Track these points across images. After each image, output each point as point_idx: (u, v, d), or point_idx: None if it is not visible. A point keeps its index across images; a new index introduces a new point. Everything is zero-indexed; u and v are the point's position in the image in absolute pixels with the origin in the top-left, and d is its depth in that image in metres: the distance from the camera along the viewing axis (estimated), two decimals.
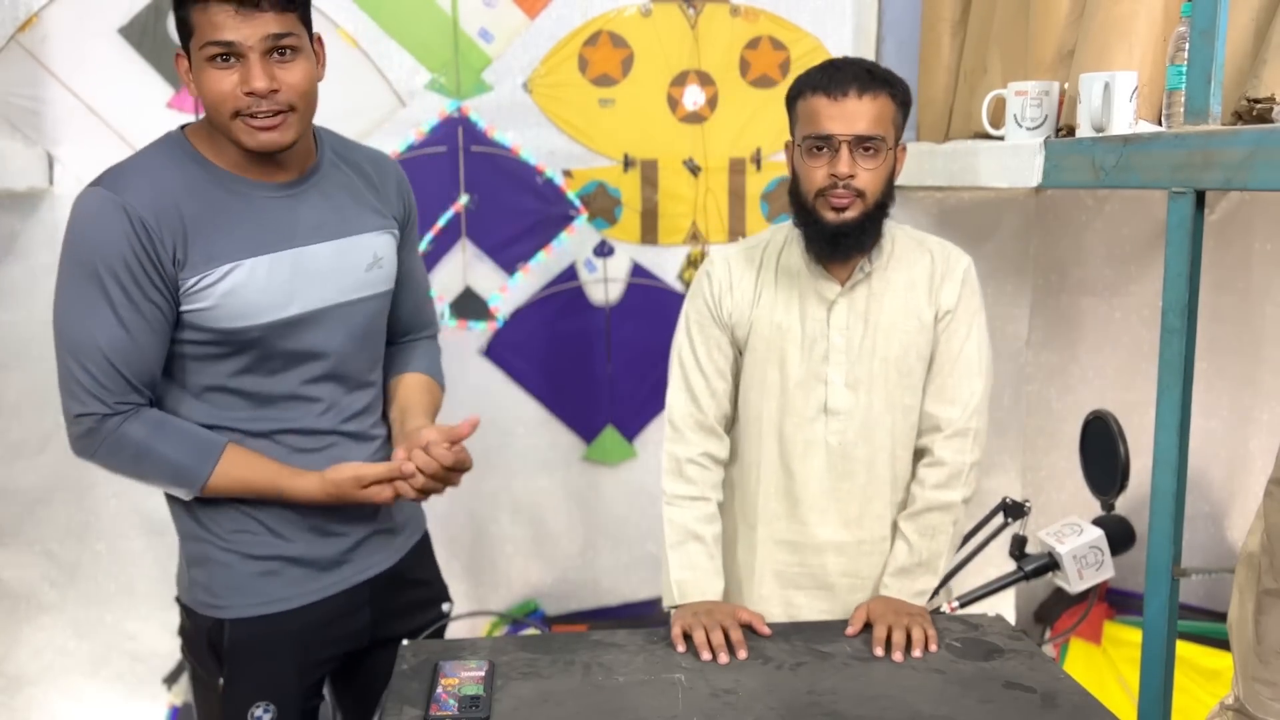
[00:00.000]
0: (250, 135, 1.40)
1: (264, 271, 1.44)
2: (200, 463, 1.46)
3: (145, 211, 1.38)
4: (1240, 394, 2.52)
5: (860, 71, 1.58)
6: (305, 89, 1.42)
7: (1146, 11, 1.97)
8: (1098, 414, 1.71)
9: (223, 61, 1.36)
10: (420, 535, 1.75)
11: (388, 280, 1.61)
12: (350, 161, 1.59)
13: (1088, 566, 1.63)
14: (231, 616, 1.54)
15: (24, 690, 2.54)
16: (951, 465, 1.67)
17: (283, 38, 1.37)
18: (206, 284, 1.42)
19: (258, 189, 1.47)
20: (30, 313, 2.42)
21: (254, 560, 1.54)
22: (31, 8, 2.34)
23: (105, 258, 1.38)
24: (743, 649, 1.52)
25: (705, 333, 1.73)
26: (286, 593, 1.55)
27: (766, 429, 1.72)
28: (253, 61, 1.36)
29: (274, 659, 1.56)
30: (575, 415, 2.75)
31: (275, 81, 1.37)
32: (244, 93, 1.36)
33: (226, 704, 1.55)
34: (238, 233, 1.43)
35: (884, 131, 1.58)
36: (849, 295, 1.68)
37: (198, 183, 1.44)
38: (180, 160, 1.45)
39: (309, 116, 1.46)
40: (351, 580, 1.60)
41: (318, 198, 1.52)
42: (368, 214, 1.57)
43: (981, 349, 1.69)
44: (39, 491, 2.48)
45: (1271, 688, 1.48)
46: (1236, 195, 2.45)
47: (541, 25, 2.59)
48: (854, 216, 1.59)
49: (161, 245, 1.39)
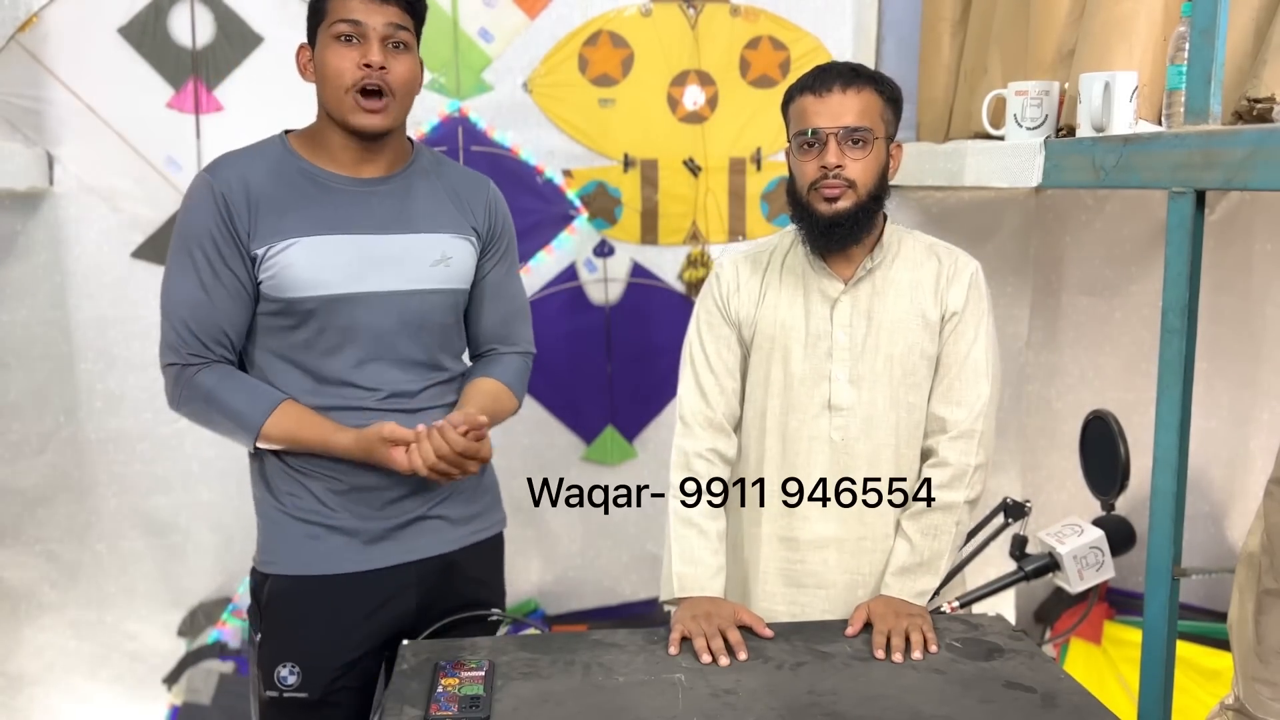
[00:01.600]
0: (358, 113, 1.55)
1: (325, 250, 1.57)
2: (257, 411, 1.57)
3: (228, 190, 1.55)
4: (1240, 394, 2.52)
5: (845, 69, 1.64)
6: (409, 81, 1.58)
7: (1146, 11, 1.97)
8: (1098, 414, 1.71)
9: (346, 41, 1.53)
10: (491, 534, 1.78)
11: (457, 279, 1.68)
12: (442, 175, 1.71)
13: (1088, 567, 1.63)
14: (274, 572, 1.62)
15: (24, 690, 2.54)
16: (956, 466, 1.67)
17: (400, 30, 1.55)
18: (271, 254, 1.56)
19: (339, 181, 1.61)
20: (31, 313, 2.42)
21: (300, 523, 1.62)
22: (31, 8, 2.34)
23: (195, 231, 1.56)
24: (742, 650, 1.52)
25: (715, 332, 1.76)
26: (324, 559, 1.61)
27: (770, 425, 1.73)
28: (373, 41, 1.53)
29: (305, 622, 1.61)
30: (575, 415, 2.75)
31: (388, 64, 1.54)
32: (362, 64, 1.52)
33: (260, 660, 1.63)
34: (306, 213, 1.57)
35: (870, 124, 1.62)
36: (852, 292, 1.70)
37: (286, 171, 1.60)
38: (274, 154, 1.61)
39: (404, 110, 1.60)
40: (394, 559, 1.64)
41: (395, 196, 1.64)
42: (444, 218, 1.67)
43: (989, 353, 1.70)
44: (39, 491, 2.48)
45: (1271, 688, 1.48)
46: (1236, 195, 2.45)
47: (541, 25, 2.59)
48: (847, 207, 1.62)
49: (239, 219, 1.55)
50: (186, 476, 2.56)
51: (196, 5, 2.43)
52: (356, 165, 1.61)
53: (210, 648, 2.61)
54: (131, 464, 2.53)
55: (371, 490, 1.62)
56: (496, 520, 1.80)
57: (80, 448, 2.50)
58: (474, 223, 1.71)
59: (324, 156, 1.61)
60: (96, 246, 2.45)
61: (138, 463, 2.54)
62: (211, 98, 2.46)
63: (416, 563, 1.66)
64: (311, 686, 1.60)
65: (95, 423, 2.50)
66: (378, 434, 1.55)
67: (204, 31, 2.44)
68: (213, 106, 2.46)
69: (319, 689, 1.60)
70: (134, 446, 2.52)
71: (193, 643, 2.62)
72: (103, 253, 2.46)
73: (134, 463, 2.54)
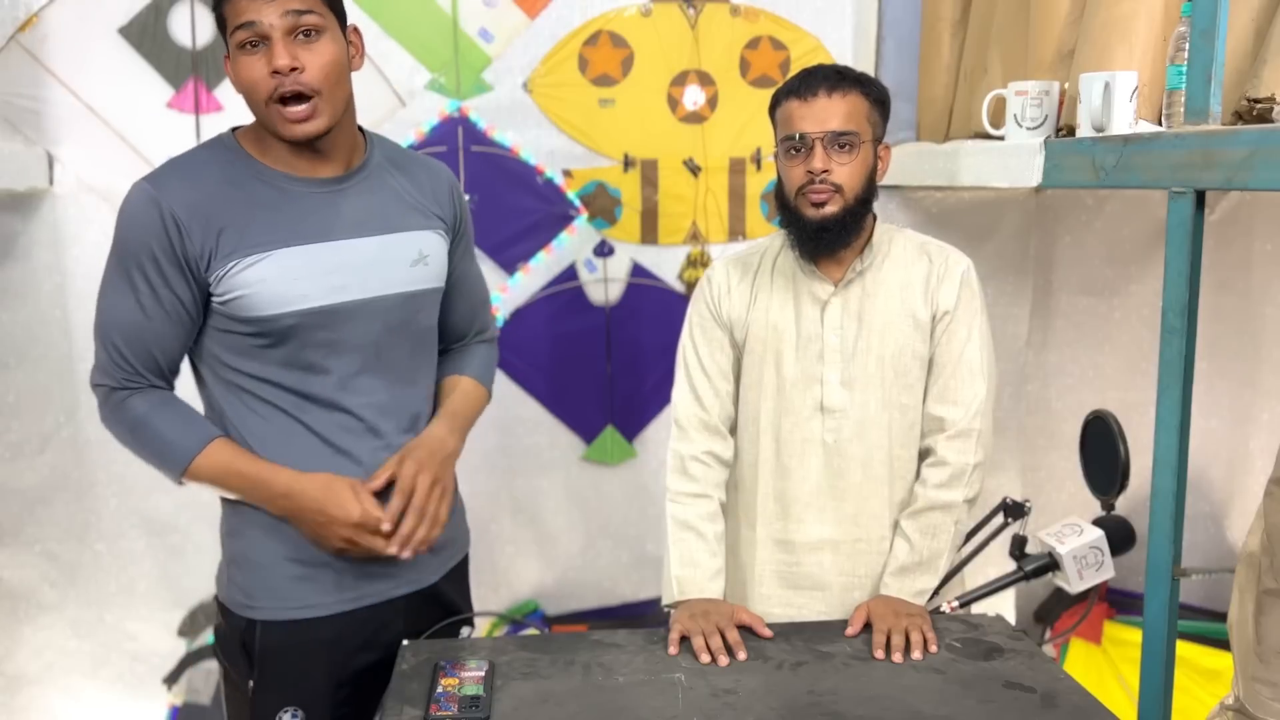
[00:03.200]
0: (284, 125, 1.42)
1: (298, 261, 1.46)
2: (187, 443, 1.49)
3: (178, 206, 1.42)
4: (1240, 394, 2.51)
5: (830, 73, 1.64)
6: (329, 71, 1.42)
7: (1146, 11, 1.97)
8: (1098, 414, 1.71)
9: (251, 48, 1.39)
10: (460, 557, 1.73)
11: (435, 278, 1.61)
12: (401, 166, 1.61)
13: (1088, 567, 1.63)
14: (264, 618, 1.53)
15: (24, 690, 2.54)
16: (954, 466, 1.67)
17: (304, 15, 1.39)
18: (238, 271, 1.44)
19: (299, 184, 1.49)
20: (31, 313, 2.42)
21: (289, 563, 1.53)
22: (31, 8, 2.34)
23: (136, 247, 1.45)
24: (741, 650, 1.52)
25: (708, 334, 1.76)
26: (320, 599, 1.54)
27: (764, 428, 1.73)
28: (275, 41, 1.38)
29: (304, 665, 1.54)
30: (575, 415, 2.75)
31: (297, 60, 1.39)
32: (270, 72, 1.38)
33: (256, 707, 1.54)
34: (272, 224, 1.46)
35: (856, 127, 1.62)
36: (842, 295, 1.70)
37: (239, 177, 1.47)
38: (225, 157, 1.49)
39: (339, 102, 1.46)
40: (387, 594, 1.58)
41: (361, 194, 1.53)
42: (414, 213, 1.58)
43: (984, 351, 1.70)
44: (39, 491, 2.48)
45: (1271, 688, 1.48)
46: (1236, 195, 2.45)
47: (541, 25, 2.59)
48: (834, 211, 1.62)
49: (189, 239, 1.43)
50: None
51: (196, 5, 2.43)
52: (312, 166, 1.50)
53: (210, 648, 2.61)
54: (131, 464, 2.49)
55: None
56: (465, 542, 1.75)
57: (80, 448, 2.49)
58: (440, 212, 1.62)
59: (278, 158, 1.49)
60: (96, 246, 2.45)
61: (138, 463, 2.51)
62: (211, 98, 2.46)
63: (405, 595, 1.61)
64: None
65: (95, 423, 2.46)
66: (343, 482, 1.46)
67: (204, 31, 2.44)
68: (213, 106, 2.46)
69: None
70: None
71: (193, 643, 2.62)
72: (103, 253, 2.41)
73: (134, 463, 2.48)
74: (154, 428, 1.50)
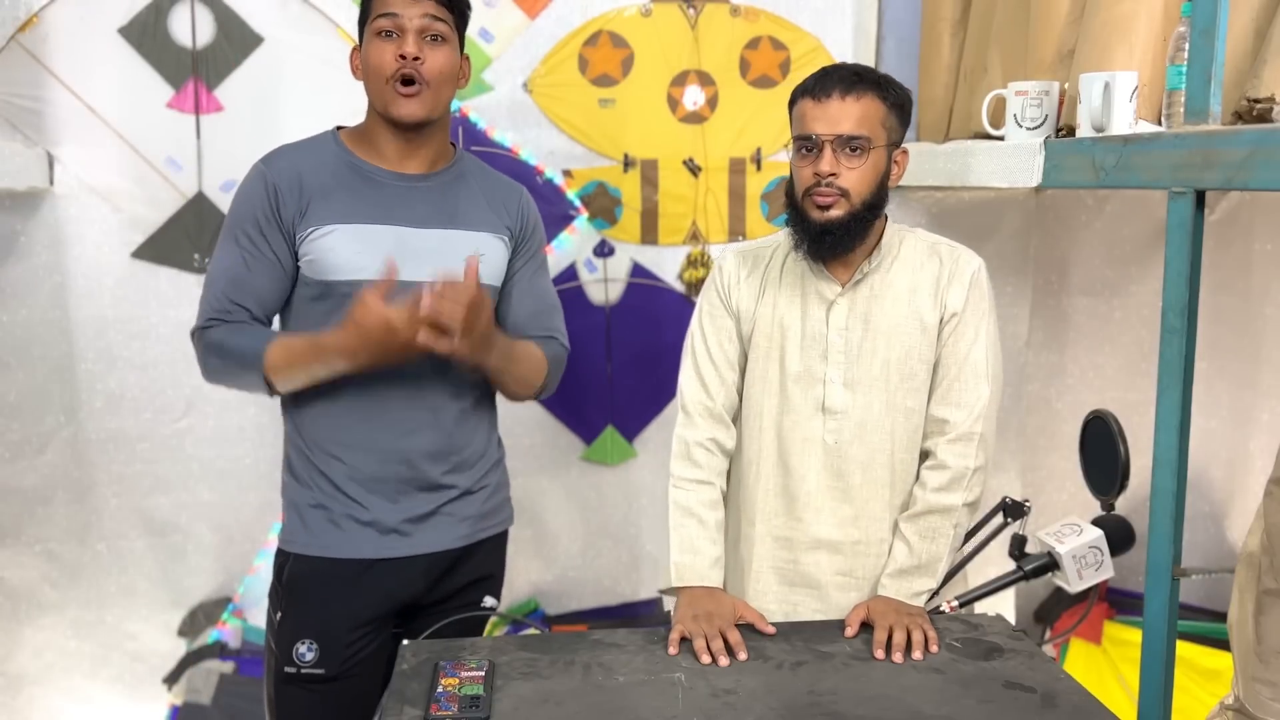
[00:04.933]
0: (396, 101, 1.64)
1: (364, 237, 1.65)
2: (258, 344, 1.64)
3: (279, 177, 1.67)
4: (1240, 394, 2.51)
5: (847, 74, 1.62)
6: (444, 71, 1.66)
7: (1146, 11, 1.97)
8: (1098, 414, 1.70)
9: (386, 36, 1.64)
10: (497, 531, 1.86)
11: (489, 275, 1.74)
12: (481, 179, 1.80)
13: (1087, 566, 1.63)
14: (295, 551, 1.71)
15: (24, 690, 2.54)
16: (954, 469, 1.66)
17: (436, 22, 1.65)
18: (314, 238, 1.65)
19: (383, 175, 1.70)
20: (31, 312, 2.42)
21: (321, 510, 1.70)
22: (31, 8, 2.34)
23: (243, 215, 1.68)
24: (742, 650, 1.52)
25: (717, 323, 1.77)
26: (343, 543, 1.70)
27: (766, 425, 1.73)
28: (409, 34, 1.63)
29: (324, 599, 1.70)
30: (575, 415, 2.75)
31: (422, 54, 1.63)
32: (398, 55, 1.62)
33: (279, 635, 1.71)
34: (350, 202, 1.67)
35: (869, 132, 1.60)
36: (849, 296, 1.69)
37: (334, 164, 1.70)
38: (326, 148, 1.72)
39: (442, 102, 1.68)
40: (406, 551, 1.72)
41: (435, 193, 1.73)
42: (480, 217, 1.75)
43: (990, 354, 1.69)
44: (39, 491, 2.48)
45: (1271, 688, 1.48)
46: (1236, 195, 2.45)
47: (541, 25, 2.59)
48: (839, 215, 1.61)
49: (284, 204, 1.66)
50: (186, 476, 2.56)
51: (196, 5, 2.43)
52: (401, 160, 1.71)
53: (210, 648, 2.61)
54: (131, 464, 2.53)
55: (388, 481, 1.70)
56: (504, 519, 1.88)
57: (80, 448, 2.50)
58: (508, 223, 1.79)
59: (371, 152, 1.71)
60: (96, 246, 2.45)
61: (138, 463, 2.54)
62: (211, 98, 2.46)
63: (426, 555, 1.74)
64: (328, 663, 1.68)
65: (95, 423, 2.50)
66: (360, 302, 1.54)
67: (204, 31, 2.44)
68: (213, 106, 2.46)
69: (335, 666, 1.68)
70: (134, 446, 2.52)
71: (193, 643, 2.62)
72: (103, 253, 2.46)
73: (134, 463, 2.53)
74: (230, 344, 1.66)
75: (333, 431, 1.70)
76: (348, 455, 1.69)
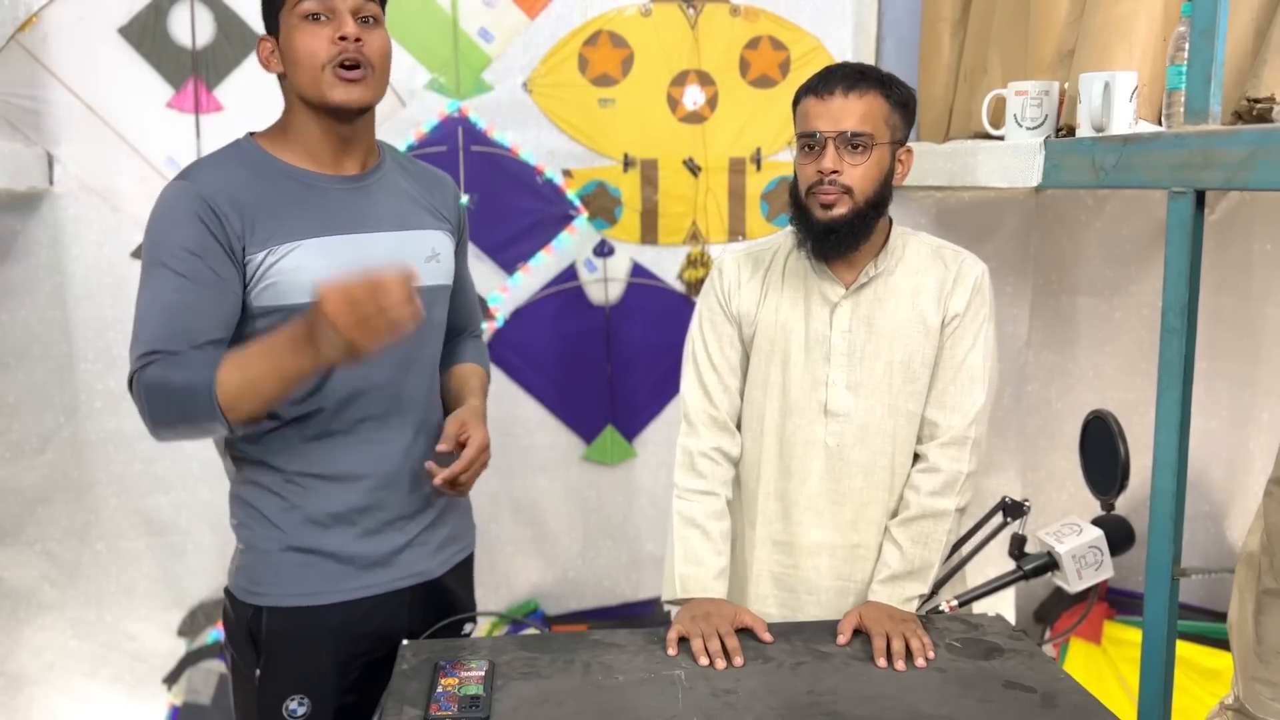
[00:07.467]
0: (337, 86, 1.50)
1: (329, 251, 1.51)
2: (206, 370, 1.40)
3: (213, 193, 1.48)
4: (1240, 394, 2.51)
5: (850, 72, 1.62)
6: (384, 54, 1.54)
7: (1146, 11, 1.97)
8: (1098, 414, 1.70)
9: (314, 20, 1.49)
10: (467, 554, 1.76)
11: (446, 275, 1.68)
12: (408, 170, 1.70)
13: (1087, 566, 1.63)
14: (269, 605, 1.57)
15: (24, 690, 2.54)
16: (946, 473, 1.66)
17: (369, 3, 1.52)
18: (272, 260, 1.49)
19: (324, 180, 1.56)
20: (30, 312, 2.42)
21: (294, 551, 1.57)
22: (31, 8, 2.34)
23: (171, 241, 1.47)
24: (739, 656, 1.51)
25: (717, 329, 1.75)
26: (324, 587, 1.57)
27: (768, 428, 1.72)
28: (343, 14, 1.50)
29: (310, 652, 1.57)
30: (575, 415, 2.75)
31: (363, 36, 1.50)
32: (337, 38, 1.48)
33: (262, 695, 1.57)
34: (304, 215, 1.52)
35: (871, 129, 1.59)
36: (853, 298, 1.69)
37: (265, 172, 1.54)
38: (248, 156, 1.55)
39: (380, 88, 1.55)
40: (391, 585, 1.62)
41: (381, 192, 1.61)
42: (426, 213, 1.66)
43: (987, 359, 1.69)
44: (39, 491, 2.48)
45: (1271, 688, 1.48)
46: (1236, 195, 2.45)
47: (541, 25, 2.59)
48: (842, 213, 1.61)
49: (227, 222, 1.47)
50: (186, 476, 2.56)
51: (196, 5, 2.43)
52: (335, 161, 1.56)
53: (210, 648, 2.61)
54: (131, 464, 2.53)
55: (362, 511, 1.58)
56: (471, 540, 1.78)
57: (80, 448, 2.50)
58: (447, 215, 1.71)
59: (299, 154, 1.55)
60: (96, 246, 2.45)
61: (138, 463, 2.54)
62: (211, 98, 2.46)
63: (410, 587, 1.64)
64: (320, 713, 1.58)
65: (95, 423, 2.50)
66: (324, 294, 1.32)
67: (204, 31, 2.44)
68: (213, 106, 2.46)
69: (327, 714, 1.59)
70: (134, 446, 2.52)
71: (193, 643, 2.62)
72: (103, 253, 2.46)
73: (134, 463, 2.53)
74: (176, 377, 1.42)
75: (304, 464, 1.55)
76: (323, 488, 1.56)
